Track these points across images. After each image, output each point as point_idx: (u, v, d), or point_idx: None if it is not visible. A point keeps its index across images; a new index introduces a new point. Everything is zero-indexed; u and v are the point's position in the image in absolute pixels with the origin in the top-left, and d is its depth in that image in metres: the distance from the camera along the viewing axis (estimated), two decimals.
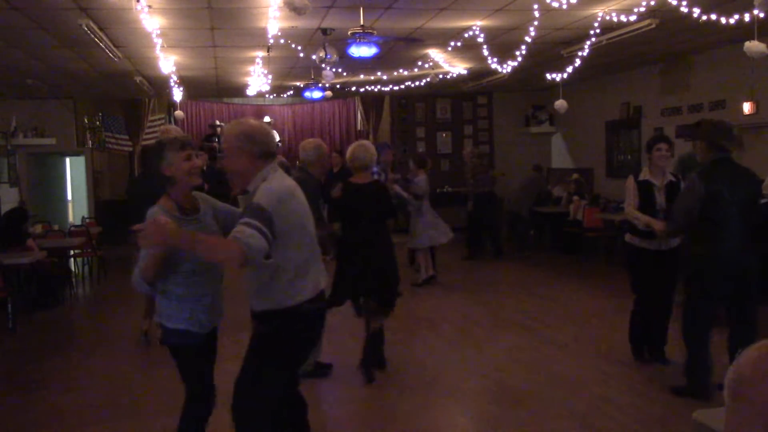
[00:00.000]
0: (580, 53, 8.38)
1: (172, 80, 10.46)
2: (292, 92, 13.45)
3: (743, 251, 4.54)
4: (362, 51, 7.15)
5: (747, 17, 6.25)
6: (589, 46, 8.02)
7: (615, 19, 7.06)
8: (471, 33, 7.91)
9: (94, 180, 14.19)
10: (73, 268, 10.35)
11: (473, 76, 11.53)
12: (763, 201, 5.17)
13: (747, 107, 8.85)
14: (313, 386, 4.92)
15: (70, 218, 15.38)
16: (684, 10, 6.28)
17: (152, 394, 5.15)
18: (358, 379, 5.29)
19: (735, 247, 4.51)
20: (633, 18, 7.01)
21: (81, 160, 14.57)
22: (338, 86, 12.37)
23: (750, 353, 1.14)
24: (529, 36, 7.58)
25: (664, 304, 5.36)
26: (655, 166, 5.25)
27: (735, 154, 4.74)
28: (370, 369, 5.30)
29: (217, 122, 14.81)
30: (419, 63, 10.13)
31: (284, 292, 3.01)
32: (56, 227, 10.50)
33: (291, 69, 10.53)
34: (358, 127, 15.58)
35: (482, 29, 7.80)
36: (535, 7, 6.62)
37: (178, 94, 11.68)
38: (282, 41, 7.82)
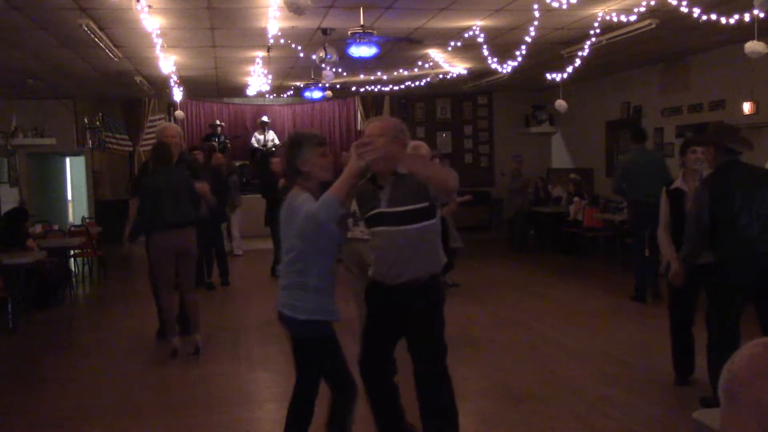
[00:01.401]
0: (580, 53, 8.38)
1: (172, 80, 10.45)
2: (292, 92, 13.45)
3: (762, 254, 4.24)
4: (362, 51, 7.15)
5: (747, 17, 6.25)
6: (589, 46, 8.01)
7: (615, 19, 7.06)
8: (471, 33, 7.91)
9: (94, 180, 14.20)
10: (73, 268, 10.34)
11: (473, 76, 11.52)
12: None
13: (747, 107, 8.83)
14: None
15: (70, 218, 15.38)
16: (684, 10, 6.27)
17: (152, 393, 5.15)
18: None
19: (752, 251, 4.24)
20: (633, 18, 7.00)
21: (81, 160, 14.59)
22: (338, 86, 12.36)
23: (744, 352, 1.13)
24: (529, 36, 7.57)
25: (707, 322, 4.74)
26: (689, 170, 4.98)
27: (745, 156, 4.48)
28: None
29: (218, 122, 14.79)
30: (419, 63, 10.12)
31: (440, 254, 3.58)
32: (56, 227, 10.49)
33: (291, 69, 10.52)
34: (358, 127, 15.54)
35: (482, 29, 7.80)
36: (535, 7, 6.62)
37: (178, 94, 11.67)
38: (282, 41, 7.81)
